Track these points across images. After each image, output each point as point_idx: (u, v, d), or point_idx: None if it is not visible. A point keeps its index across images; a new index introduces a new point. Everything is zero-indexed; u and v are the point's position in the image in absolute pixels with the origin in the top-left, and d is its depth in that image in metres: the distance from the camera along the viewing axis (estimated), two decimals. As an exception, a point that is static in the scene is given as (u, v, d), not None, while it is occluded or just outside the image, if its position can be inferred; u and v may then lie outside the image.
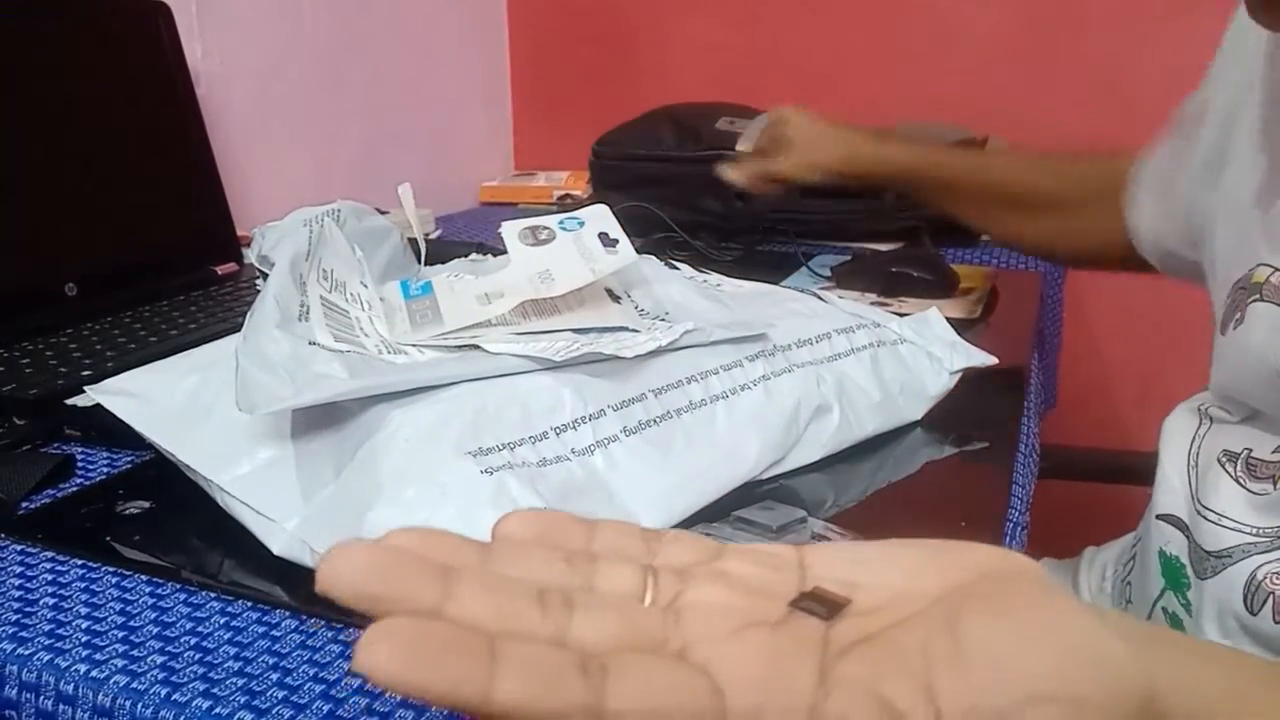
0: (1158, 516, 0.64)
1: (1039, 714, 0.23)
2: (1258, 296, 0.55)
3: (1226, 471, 0.59)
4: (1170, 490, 0.63)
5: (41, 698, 0.39)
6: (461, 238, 1.15)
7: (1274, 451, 0.56)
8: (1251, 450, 0.58)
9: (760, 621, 0.26)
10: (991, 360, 0.63)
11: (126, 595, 0.44)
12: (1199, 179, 0.65)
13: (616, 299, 0.59)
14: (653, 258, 0.66)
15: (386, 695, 0.38)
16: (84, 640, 0.40)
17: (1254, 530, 0.57)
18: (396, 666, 0.21)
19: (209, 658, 0.39)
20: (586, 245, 0.56)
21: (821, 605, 0.27)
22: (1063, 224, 0.84)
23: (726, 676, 0.24)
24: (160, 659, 0.39)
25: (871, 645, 0.25)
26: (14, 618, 0.42)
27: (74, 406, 0.61)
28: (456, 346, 0.52)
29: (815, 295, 0.69)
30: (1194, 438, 0.63)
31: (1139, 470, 0.81)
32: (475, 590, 0.24)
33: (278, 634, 0.41)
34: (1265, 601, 0.55)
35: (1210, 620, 0.59)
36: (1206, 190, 0.63)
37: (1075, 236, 0.84)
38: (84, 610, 0.43)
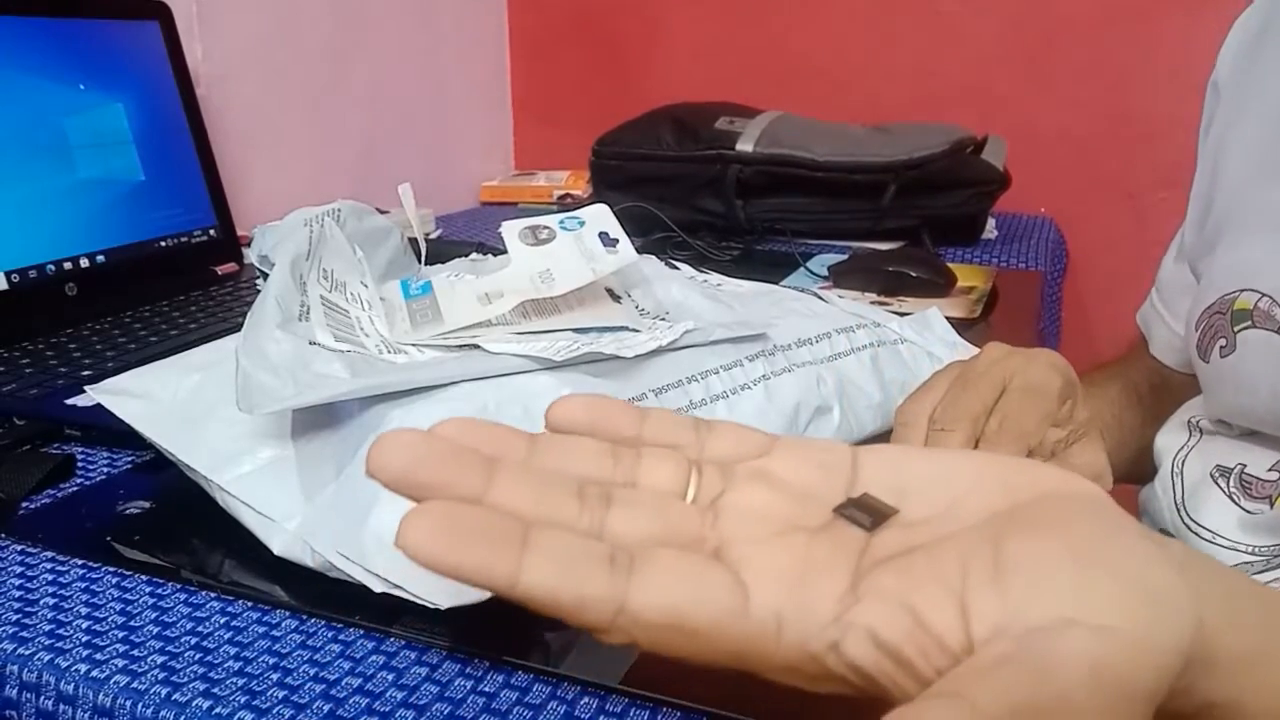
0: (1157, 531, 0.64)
1: (1074, 638, 0.22)
2: (1248, 324, 0.54)
3: (1219, 487, 0.58)
4: (1156, 503, 0.63)
5: (42, 698, 0.39)
6: (461, 237, 1.15)
7: (1270, 470, 0.56)
8: (1245, 466, 0.57)
9: (800, 526, 0.26)
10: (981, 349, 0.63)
11: (127, 595, 0.44)
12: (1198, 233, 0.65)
13: (617, 299, 0.59)
14: (653, 257, 0.66)
15: (386, 695, 0.38)
16: (84, 640, 0.41)
17: (1249, 549, 0.56)
18: (433, 546, 0.22)
19: (209, 658, 0.39)
20: (587, 245, 0.56)
21: (866, 514, 0.26)
22: None
23: (754, 578, 0.24)
24: (160, 659, 0.39)
25: (911, 557, 0.24)
26: (14, 618, 0.42)
27: (74, 406, 0.61)
28: (457, 346, 0.52)
29: (815, 295, 0.69)
30: (1181, 449, 0.62)
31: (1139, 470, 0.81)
32: (516, 480, 0.24)
33: (278, 634, 0.41)
34: None
35: None
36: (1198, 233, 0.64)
37: None
38: (84, 610, 0.43)
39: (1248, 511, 0.56)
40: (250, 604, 0.43)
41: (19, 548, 0.48)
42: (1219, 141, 0.63)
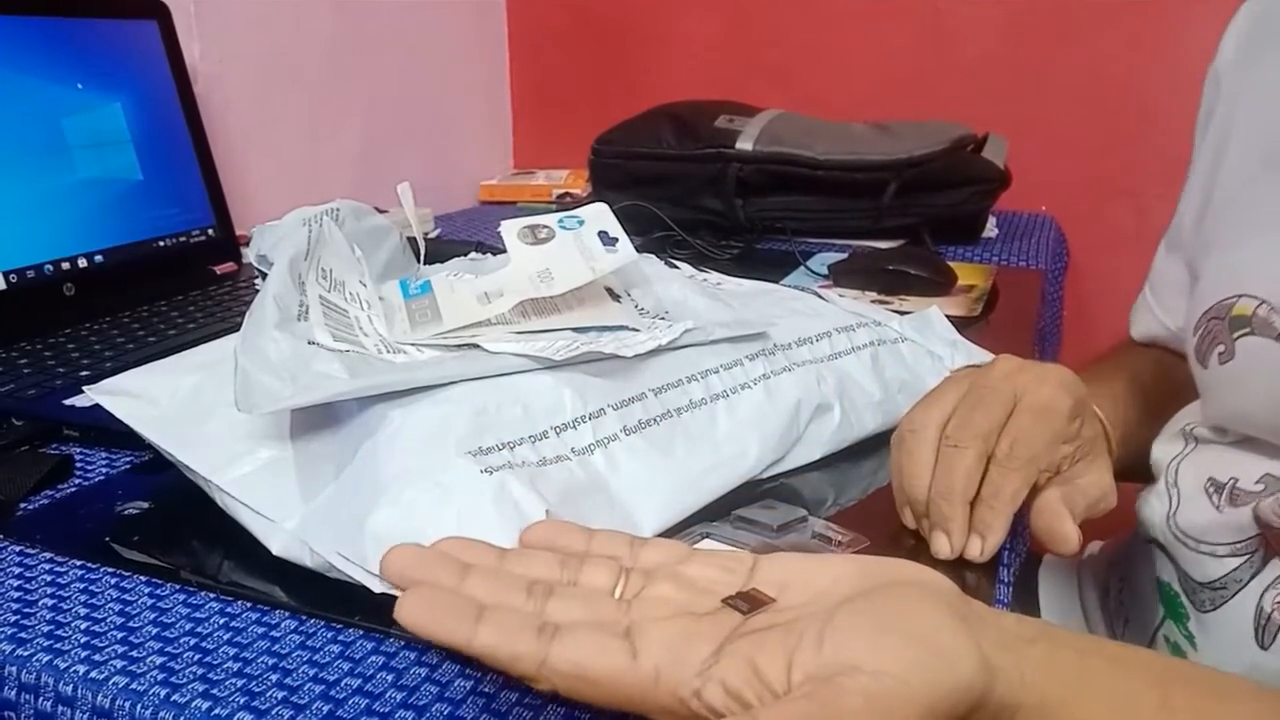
0: (1147, 540, 0.63)
1: (856, 679, 0.29)
2: (1247, 330, 0.54)
3: (1211, 501, 0.58)
4: (1152, 512, 0.62)
5: (40, 699, 0.39)
6: (461, 237, 1.15)
7: (1257, 482, 0.56)
8: (1237, 480, 0.57)
9: (692, 611, 0.34)
10: (992, 359, 0.63)
11: (125, 596, 0.44)
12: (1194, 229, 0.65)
13: (616, 298, 0.59)
14: (652, 256, 0.66)
15: (386, 695, 0.37)
16: (83, 641, 0.40)
17: (1229, 547, 0.56)
18: (415, 617, 0.34)
19: (208, 658, 0.39)
20: (586, 244, 0.56)
21: (745, 602, 0.34)
22: None
23: (644, 645, 0.32)
24: (159, 660, 0.39)
25: (768, 630, 0.32)
26: (13, 618, 0.42)
27: (72, 407, 0.61)
28: (456, 346, 0.52)
29: (815, 294, 0.68)
30: (1175, 458, 0.62)
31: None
32: (482, 579, 0.36)
33: (277, 634, 0.41)
34: (1277, 635, 0.54)
35: (1216, 657, 0.57)
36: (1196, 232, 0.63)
37: None
38: (83, 611, 0.43)
39: (1224, 516, 0.56)
40: (249, 604, 0.43)
41: (17, 548, 0.48)
42: (1221, 132, 0.63)
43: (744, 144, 1.15)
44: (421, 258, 0.66)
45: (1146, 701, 0.34)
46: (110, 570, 0.46)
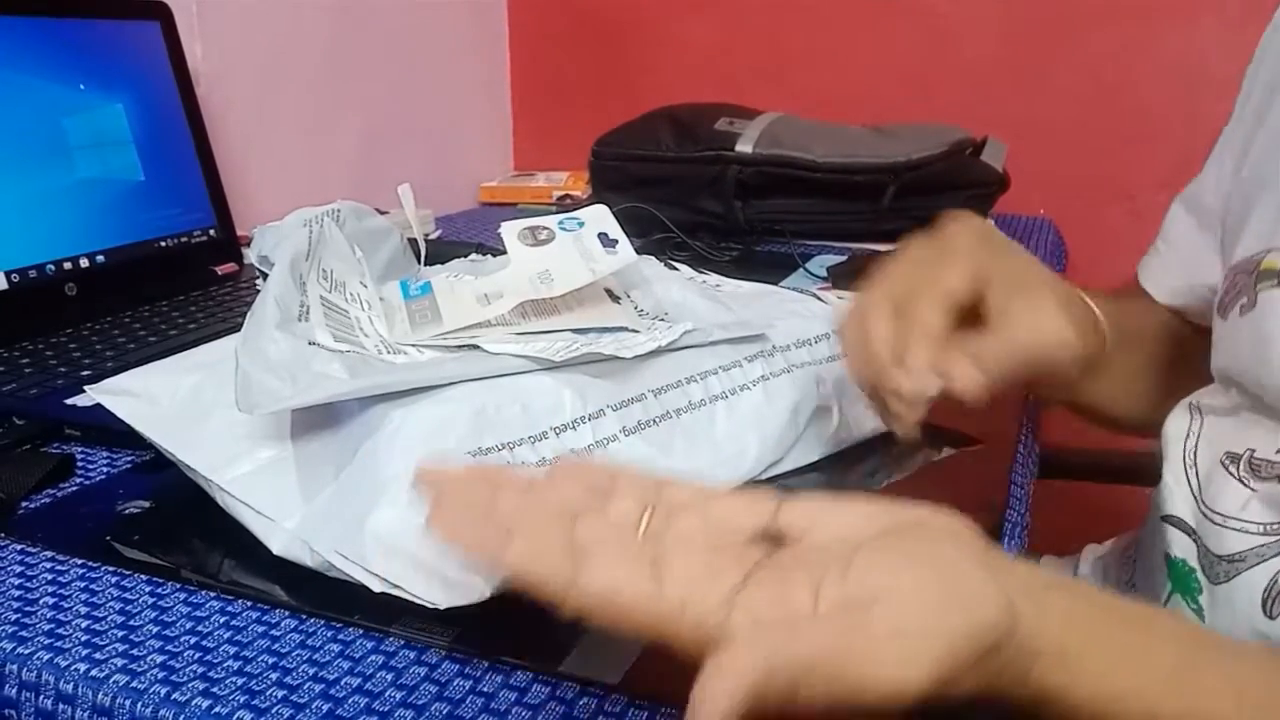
0: (1163, 518, 0.63)
1: (881, 611, 0.30)
2: (1274, 282, 0.53)
3: (1231, 475, 0.57)
4: (1171, 493, 0.62)
5: (41, 697, 0.39)
6: (461, 238, 1.15)
7: (1277, 451, 0.56)
8: (1254, 451, 0.57)
9: (717, 546, 0.34)
10: None
11: (126, 595, 0.44)
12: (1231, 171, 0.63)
13: (616, 299, 0.59)
14: (652, 258, 0.66)
15: (385, 694, 0.38)
16: (83, 640, 0.41)
17: (1262, 528, 0.56)
18: (448, 528, 0.34)
19: (208, 657, 0.40)
20: (586, 245, 0.56)
21: (769, 539, 0.34)
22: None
23: (670, 577, 0.32)
24: (160, 658, 0.39)
25: (794, 563, 0.33)
26: (14, 617, 0.42)
27: (74, 406, 0.61)
28: (456, 346, 0.52)
29: (814, 296, 0.69)
30: (1188, 436, 0.62)
31: (1139, 470, 0.81)
32: (512, 498, 0.36)
33: (277, 634, 0.41)
34: None
35: (1223, 627, 0.57)
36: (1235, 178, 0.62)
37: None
38: (84, 610, 0.43)
39: (1253, 490, 0.56)
40: (249, 603, 0.43)
41: (18, 547, 0.48)
42: (1275, 76, 0.61)
43: (743, 146, 1.15)
44: (422, 259, 0.66)
45: (1164, 656, 0.35)
46: (111, 569, 0.46)
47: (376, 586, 0.40)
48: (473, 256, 0.72)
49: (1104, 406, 0.66)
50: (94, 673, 0.38)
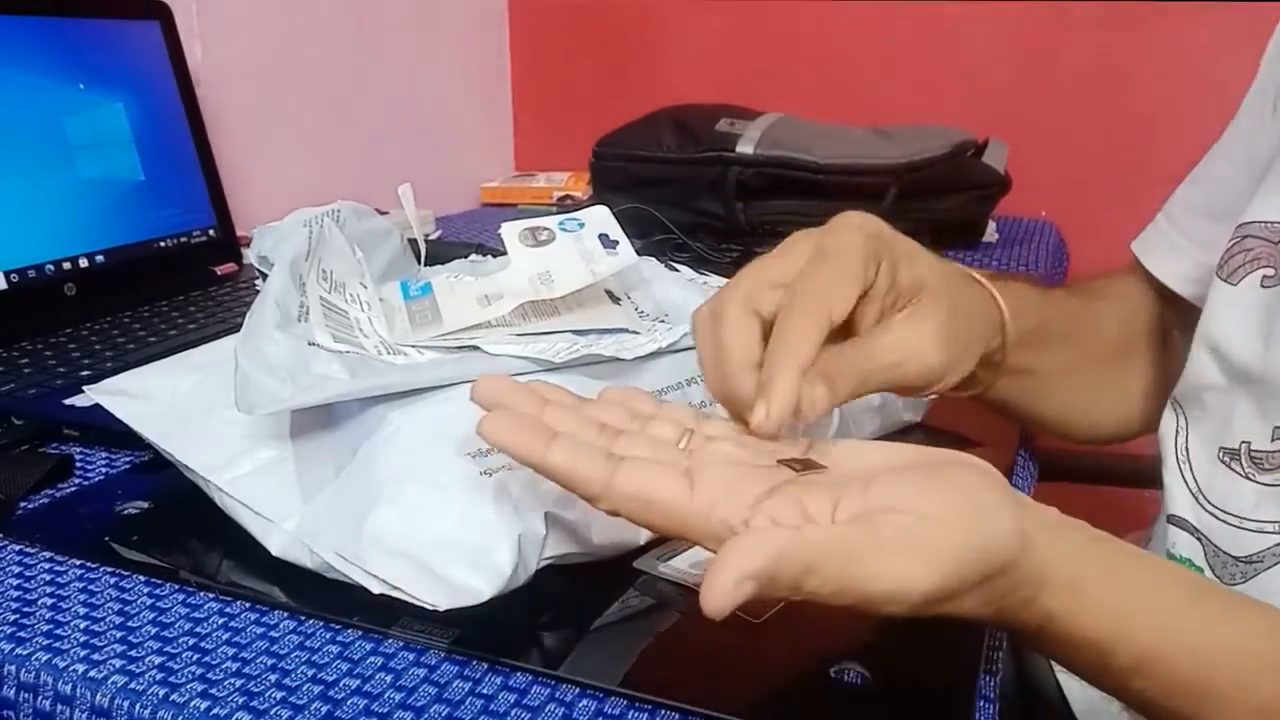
0: (1168, 518, 0.63)
1: (896, 518, 0.32)
2: None
3: (1235, 472, 0.57)
4: (1172, 494, 0.62)
5: (39, 698, 0.39)
6: (461, 238, 1.15)
7: (1273, 441, 0.55)
8: (1251, 444, 0.56)
9: (750, 464, 0.36)
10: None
11: (125, 595, 0.44)
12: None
13: (616, 300, 0.59)
14: (653, 259, 0.66)
15: (385, 696, 0.37)
16: (82, 640, 0.40)
17: (1278, 527, 0.55)
18: (495, 432, 0.35)
19: (207, 658, 0.39)
20: (586, 246, 0.56)
21: (799, 464, 0.36)
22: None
23: (701, 482, 0.34)
24: (158, 659, 0.39)
25: (817, 482, 0.35)
26: (12, 618, 0.42)
27: (73, 406, 0.61)
28: (456, 348, 0.52)
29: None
30: (1177, 433, 0.61)
31: (1139, 473, 0.81)
32: (559, 412, 0.38)
33: (276, 635, 0.41)
34: None
35: None
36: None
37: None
38: (82, 610, 0.43)
39: (1266, 485, 0.55)
40: (248, 605, 0.43)
41: (17, 548, 0.48)
42: None
43: (744, 147, 1.15)
44: (422, 259, 0.66)
45: (1176, 594, 0.37)
46: (110, 570, 0.46)
47: (375, 588, 0.40)
48: (473, 257, 0.72)
49: (1027, 407, 0.62)
50: (92, 673, 0.38)
